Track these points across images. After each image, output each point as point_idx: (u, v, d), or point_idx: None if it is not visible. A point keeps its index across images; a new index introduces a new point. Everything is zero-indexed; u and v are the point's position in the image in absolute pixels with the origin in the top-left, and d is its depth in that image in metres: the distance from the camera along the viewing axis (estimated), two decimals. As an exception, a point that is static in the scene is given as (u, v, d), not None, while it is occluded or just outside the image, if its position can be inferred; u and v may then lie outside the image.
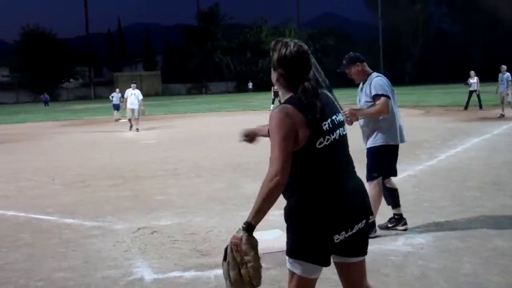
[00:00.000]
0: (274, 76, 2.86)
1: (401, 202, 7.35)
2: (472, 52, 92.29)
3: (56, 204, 8.41)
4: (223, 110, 36.79)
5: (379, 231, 6.05)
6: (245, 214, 7.47)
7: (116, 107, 28.91)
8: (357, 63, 5.98)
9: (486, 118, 21.31)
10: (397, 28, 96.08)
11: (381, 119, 5.82)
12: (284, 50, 2.78)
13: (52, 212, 7.89)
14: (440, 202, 7.48)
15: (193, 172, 11.05)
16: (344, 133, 2.83)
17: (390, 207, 6.32)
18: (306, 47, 2.82)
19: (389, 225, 6.27)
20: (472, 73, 26.47)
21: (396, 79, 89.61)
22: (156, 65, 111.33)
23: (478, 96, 26.25)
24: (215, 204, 7.92)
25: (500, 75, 22.22)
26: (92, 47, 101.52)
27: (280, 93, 2.87)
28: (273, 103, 33.90)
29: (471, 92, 26.45)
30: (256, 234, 6.49)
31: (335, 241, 2.74)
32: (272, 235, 6.21)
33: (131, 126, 22.07)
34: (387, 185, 6.14)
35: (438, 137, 15.37)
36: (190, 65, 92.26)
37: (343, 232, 2.73)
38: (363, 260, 2.99)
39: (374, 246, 5.56)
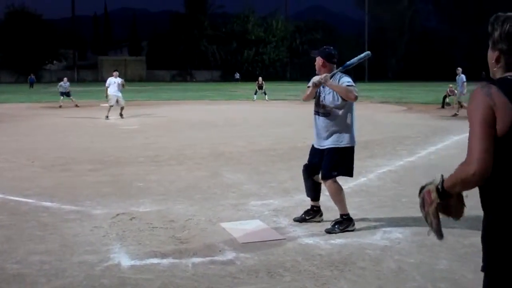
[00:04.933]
0: (492, 56, 2.37)
1: (381, 197, 7.44)
2: (455, 51, 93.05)
3: (35, 187, 8.34)
4: (207, 99, 36.70)
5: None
6: (225, 203, 7.54)
7: (63, 94, 29.07)
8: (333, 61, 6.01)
9: (466, 116, 21.44)
10: (383, 24, 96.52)
11: (346, 120, 5.89)
12: (508, 25, 2.28)
13: (31, 194, 7.82)
14: (418, 198, 7.52)
15: (174, 160, 11.02)
16: None
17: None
18: None
19: (307, 217, 6.33)
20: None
21: (380, 74, 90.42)
22: (142, 50, 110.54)
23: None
24: (196, 192, 7.90)
25: (457, 77, 22.67)
26: (78, 30, 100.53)
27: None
28: (255, 93, 34.30)
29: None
30: (235, 223, 6.55)
31: None
32: (252, 225, 6.23)
33: (107, 116, 21.42)
34: (314, 179, 6.22)
35: (419, 133, 15.47)
36: (176, 52, 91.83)
37: None
38: None
39: (351, 239, 5.62)
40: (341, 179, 6.15)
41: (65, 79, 30.40)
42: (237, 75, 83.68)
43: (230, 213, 6.74)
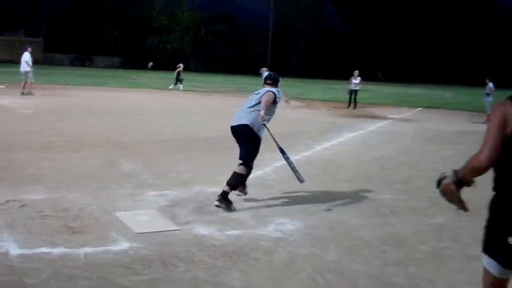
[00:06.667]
0: None
1: (276, 190, 7.67)
2: (354, 52, 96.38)
3: None
4: (107, 86, 35.81)
5: (249, 218, 6.22)
6: (120, 192, 7.42)
7: None
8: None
9: (361, 115, 22.33)
10: (287, 21, 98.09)
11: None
12: None
13: None
14: (312, 191, 7.78)
15: (69, 147, 10.70)
16: None
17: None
18: None
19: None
20: (355, 72, 26.52)
21: (282, 69, 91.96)
22: (40, 32, 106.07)
23: (356, 95, 26.28)
24: (91, 181, 7.74)
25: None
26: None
27: None
28: (175, 83, 34.01)
29: (351, 91, 26.30)
30: (131, 213, 6.48)
31: (509, 242, 2.81)
32: (148, 215, 6.20)
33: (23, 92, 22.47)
34: None
35: (316, 129, 15.92)
36: (76, 36, 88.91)
37: None
38: None
39: (246, 230, 5.73)
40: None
41: None
42: (150, 64, 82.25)
43: (126, 203, 6.66)
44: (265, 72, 23.80)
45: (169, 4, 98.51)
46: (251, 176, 8.60)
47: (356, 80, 26.29)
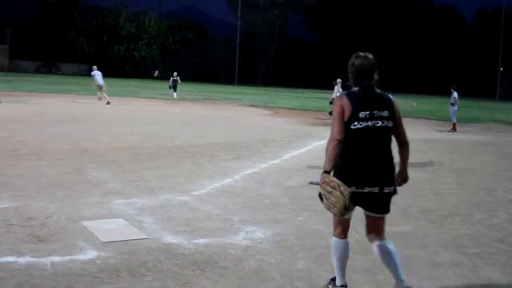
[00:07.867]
0: (349, 75, 4.13)
1: (245, 198, 7.65)
2: (320, 60, 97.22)
3: None
4: (73, 93, 35.42)
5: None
6: (87, 201, 7.36)
7: None
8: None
9: (329, 123, 22.41)
10: (254, 30, 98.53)
11: None
12: (354, 59, 4.09)
13: None
14: (280, 199, 7.80)
15: (35, 155, 10.54)
16: (382, 125, 4.04)
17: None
18: (370, 60, 4.06)
19: None
20: (339, 81, 25.00)
21: (249, 78, 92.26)
22: (5, 38, 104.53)
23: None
24: (57, 189, 7.62)
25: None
26: None
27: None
28: (175, 91, 35.10)
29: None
30: (98, 222, 6.42)
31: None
32: (115, 224, 6.13)
33: None
34: None
35: (284, 137, 15.98)
36: (42, 43, 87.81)
37: (353, 187, 3.93)
38: (380, 218, 4.34)
39: (215, 239, 5.71)
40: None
41: None
42: (156, 73, 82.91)
43: (92, 211, 6.58)
44: (95, 71, 26.84)
45: (137, 12, 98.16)
46: (220, 183, 8.63)
47: (340, 89, 24.81)
